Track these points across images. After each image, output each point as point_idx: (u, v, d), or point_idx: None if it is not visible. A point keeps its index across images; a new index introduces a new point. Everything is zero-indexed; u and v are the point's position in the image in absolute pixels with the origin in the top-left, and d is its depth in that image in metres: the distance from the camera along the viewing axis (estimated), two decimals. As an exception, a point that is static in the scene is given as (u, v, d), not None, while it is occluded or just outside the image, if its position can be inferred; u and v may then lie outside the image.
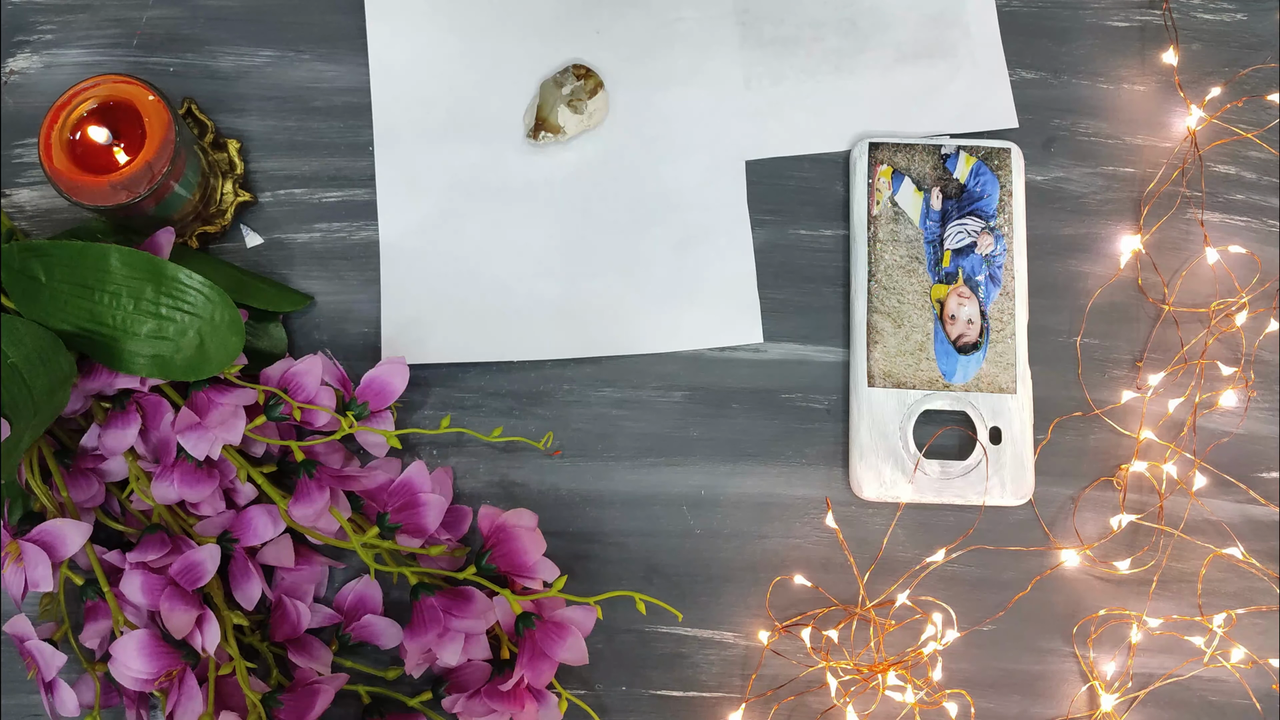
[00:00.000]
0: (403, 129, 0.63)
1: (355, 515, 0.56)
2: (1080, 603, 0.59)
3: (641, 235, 0.62)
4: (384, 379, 0.57)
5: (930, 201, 0.61)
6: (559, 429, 0.60)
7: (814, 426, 0.60)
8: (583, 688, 0.58)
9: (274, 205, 0.62)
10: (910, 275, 0.60)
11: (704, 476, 0.60)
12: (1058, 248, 0.62)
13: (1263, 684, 0.58)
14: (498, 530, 0.54)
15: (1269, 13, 0.64)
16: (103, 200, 0.54)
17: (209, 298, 0.53)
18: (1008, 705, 0.58)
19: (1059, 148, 0.63)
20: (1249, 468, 0.60)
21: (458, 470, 0.60)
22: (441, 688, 0.55)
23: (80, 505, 0.55)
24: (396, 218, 0.62)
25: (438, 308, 0.61)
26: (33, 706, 0.58)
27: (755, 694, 0.58)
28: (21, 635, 0.53)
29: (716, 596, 0.59)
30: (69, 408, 0.54)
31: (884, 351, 0.60)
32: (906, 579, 0.59)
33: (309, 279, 0.62)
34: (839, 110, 0.63)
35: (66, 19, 0.64)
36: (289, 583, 0.56)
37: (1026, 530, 0.59)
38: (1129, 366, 0.61)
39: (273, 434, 0.56)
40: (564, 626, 0.53)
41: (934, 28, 0.64)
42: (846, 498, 0.60)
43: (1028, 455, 0.59)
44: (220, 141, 0.62)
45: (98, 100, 0.55)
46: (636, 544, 0.59)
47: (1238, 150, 0.63)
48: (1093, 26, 0.64)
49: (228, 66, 0.63)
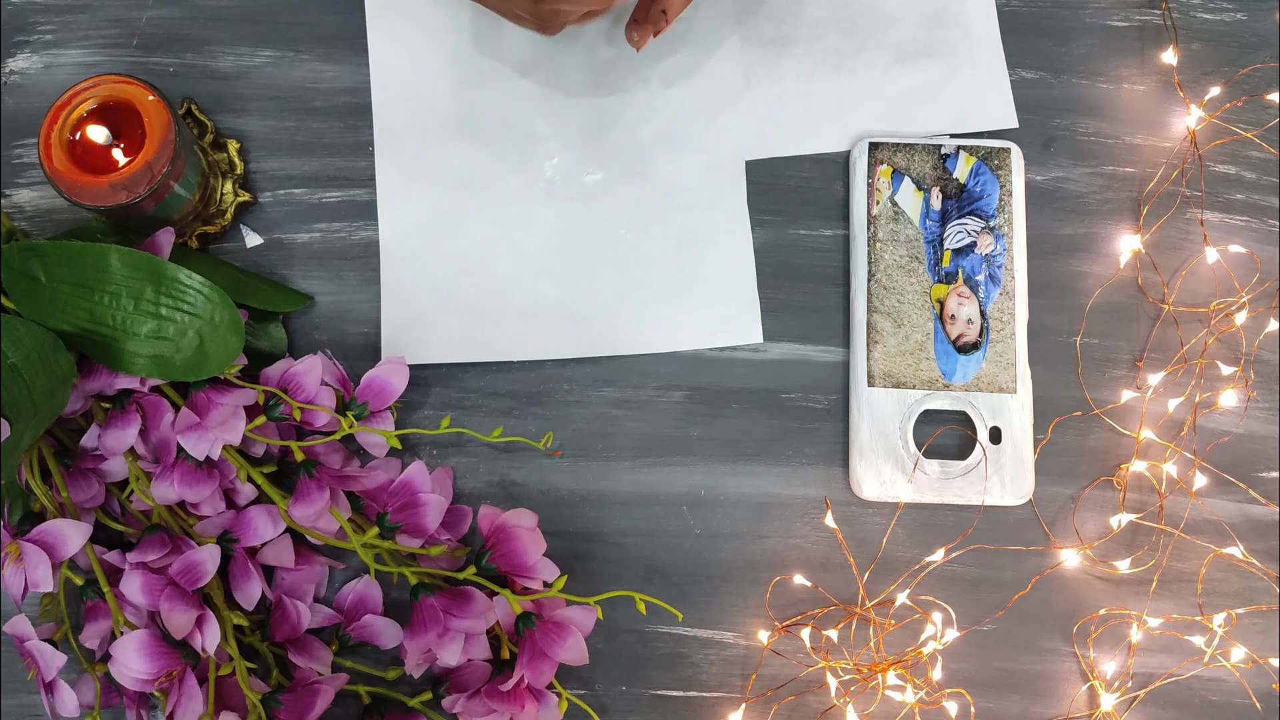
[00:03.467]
0: (403, 129, 0.63)
1: (355, 515, 0.56)
2: (1080, 602, 0.59)
3: (641, 235, 0.62)
4: (384, 379, 0.57)
5: (930, 201, 0.61)
6: (559, 429, 0.60)
7: (814, 426, 0.60)
8: (583, 688, 0.58)
9: (274, 205, 0.62)
10: (910, 275, 0.60)
11: (704, 476, 0.60)
12: (1057, 247, 0.62)
13: (1263, 684, 0.58)
14: (498, 530, 0.54)
15: (1269, 12, 0.64)
16: (103, 200, 0.54)
17: (209, 298, 0.53)
18: (1008, 705, 0.58)
19: (1059, 148, 0.63)
20: (1249, 467, 0.60)
21: (458, 470, 0.60)
22: (441, 688, 0.55)
23: (80, 505, 0.55)
24: (396, 218, 0.62)
25: (438, 308, 0.61)
26: (33, 706, 0.58)
27: (755, 694, 0.58)
28: (21, 635, 0.53)
29: (716, 596, 0.59)
30: (69, 408, 0.54)
31: (884, 351, 0.60)
32: (906, 579, 0.59)
33: (309, 279, 0.62)
34: (839, 110, 0.63)
35: (66, 19, 0.64)
36: (289, 583, 0.56)
37: (1026, 530, 0.59)
38: (1129, 366, 0.61)
39: (273, 434, 0.56)
40: (564, 626, 0.53)
41: (934, 27, 0.64)
42: (846, 497, 0.60)
43: (1028, 455, 0.59)
44: (220, 141, 0.62)
45: (98, 100, 0.55)
46: (636, 544, 0.59)
47: (1238, 150, 0.63)
48: (1093, 26, 0.64)
49: (228, 66, 0.63)
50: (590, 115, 0.63)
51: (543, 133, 0.63)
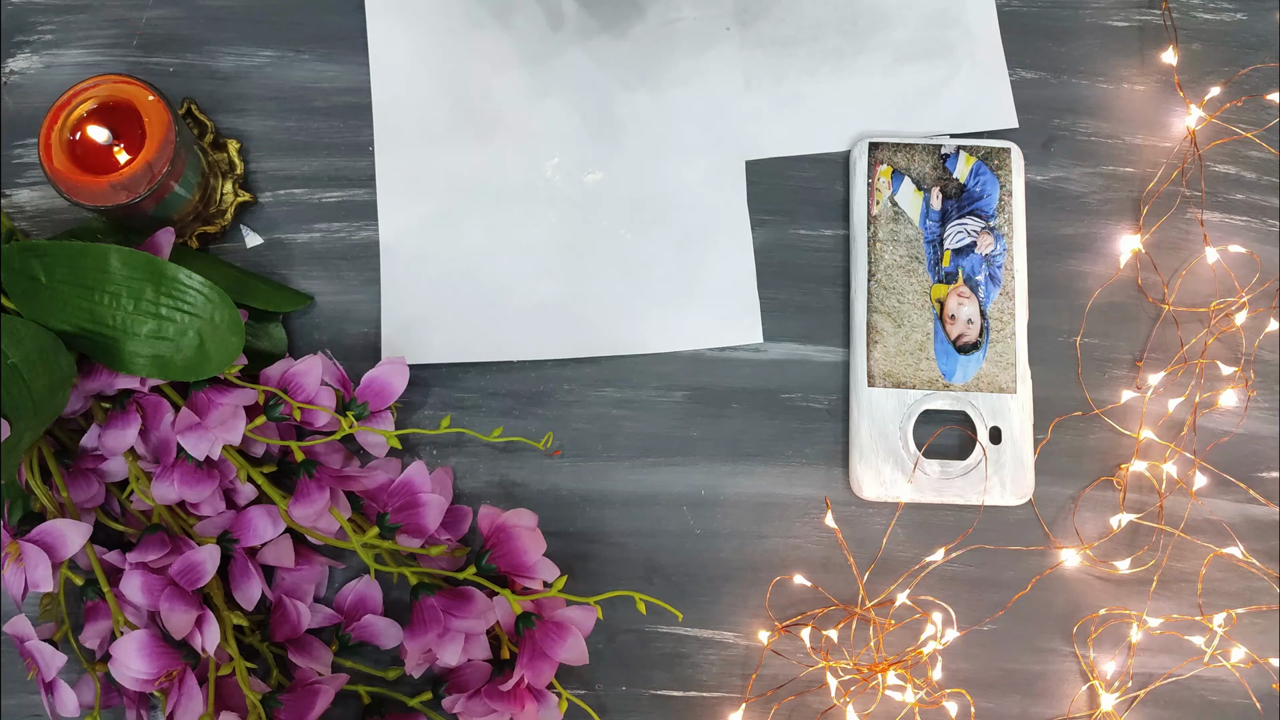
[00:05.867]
0: (403, 129, 0.63)
1: (355, 515, 0.56)
2: (1080, 602, 0.59)
3: (641, 235, 0.62)
4: (384, 379, 0.57)
5: (930, 201, 0.61)
6: (559, 429, 0.60)
7: (814, 426, 0.60)
8: (583, 688, 0.58)
9: (274, 205, 0.62)
10: (910, 275, 0.60)
11: (704, 476, 0.60)
12: (1058, 247, 0.62)
13: (1263, 683, 0.58)
14: (498, 530, 0.54)
15: (1269, 12, 0.64)
16: (103, 200, 0.54)
17: (209, 298, 0.53)
18: (1008, 705, 0.58)
19: (1059, 148, 0.63)
20: (1249, 467, 0.60)
21: (458, 470, 0.60)
22: (441, 688, 0.55)
23: (80, 505, 0.55)
24: (396, 218, 0.62)
25: (438, 308, 0.61)
26: (33, 707, 0.58)
27: (755, 694, 0.58)
28: (22, 635, 0.53)
29: (716, 596, 0.59)
30: (69, 408, 0.54)
31: (884, 351, 0.60)
32: (906, 579, 0.59)
33: (309, 279, 0.62)
34: (839, 110, 0.63)
35: (66, 19, 0.64)
36: (289, 583, 0.56)
37: (1026, 530, 0.59)
38: (1129, 366, 0.61)
39: (273, 434, 0.56)
40: (564, 626, 0.53)
41: (934, 27, 0.64)
42: (846, 497, 0.60)
43: (1028, 455, 0.59)
44: (220, 141, 0.62)
45: (98, 100, 0.55)
46: (636, 544, 0.59)
47: (1238, 150, 0.63)
48: (1093, 26, 0.64)
49: (228, 66, 0.63)
50: (590, 115, 0.63)
51: (543, 133, 0.63)
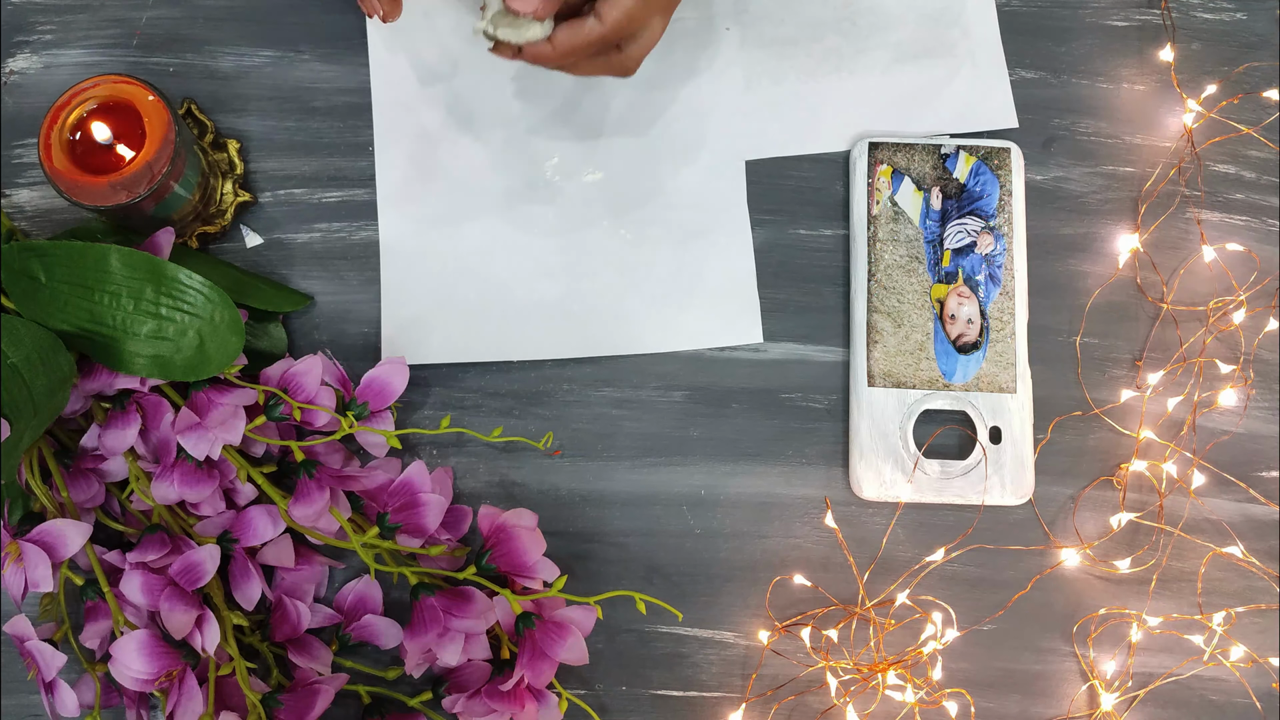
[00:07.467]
0: (403, 129, 0.63)
1: (355, 515, 0.56)
2: (1080, 602, 0.59)
3: (641, 235, 0.62)
4: (384, 379, 0.57)
5: (930, 201, 0.61)
6: (559, 429, 0.60)
7: (814, 426, 0.60)
8: (583, 688, 0.58)
9: (274, 205, 0.62)
10: (910, 275, 0.60)
11: (704, 476, 0.60)
12: (1057, 247, 0.62)
13: (1263, 683, 0.58)
14: (498, 530, 0.54)
15: (1268, 12, 0.64)
16: (103, 200, 0.54)
17: (209, 298, 0.53)
18: (1008, 705, 0.58)
19: (1059, 147, 0.63)
20: (1249, 466, 0.60)
21: (458, 470, 0.60)
22: (441, 688, 0.55)
23: (80, 505, 0.55)
24: (396, 218, 0.62)
25: (438, 308, 0.61)
26: (33, 706, 0.58)
27: (755, 694, 0.58)
28: (21, 635, 0.53)
29: (716, 596, 0.59)
30: (69, 408, 0.54)
31: (884, 351, 0.60)
32: (906, 578, 0.59)
33: (309, 279, 0.62)
34: (839, 110, 0.63)
35: (66, 19, 0.64)
36: (289, 583, 0.56)
37: (1026, 530, 0.59)
38: (1128, 366, 0.61)
39: (273, 434, 0.56)
40: (564, 626, 0.53)
41: (934, 27, 0.64)
42: (846, 497, 0.60)
43: (1027, 455, 0.59)
44: (220, 141, 0.62)
45: (98, 100, 0.55)
46: (636, 544, 0.59)
47: (1237, 149, 0.63)
48: (1092, 26, 0.64)
49: (228, 66, 0.63)
50: (590, 115, 0.63)
51: (543, 132, 0.63)
